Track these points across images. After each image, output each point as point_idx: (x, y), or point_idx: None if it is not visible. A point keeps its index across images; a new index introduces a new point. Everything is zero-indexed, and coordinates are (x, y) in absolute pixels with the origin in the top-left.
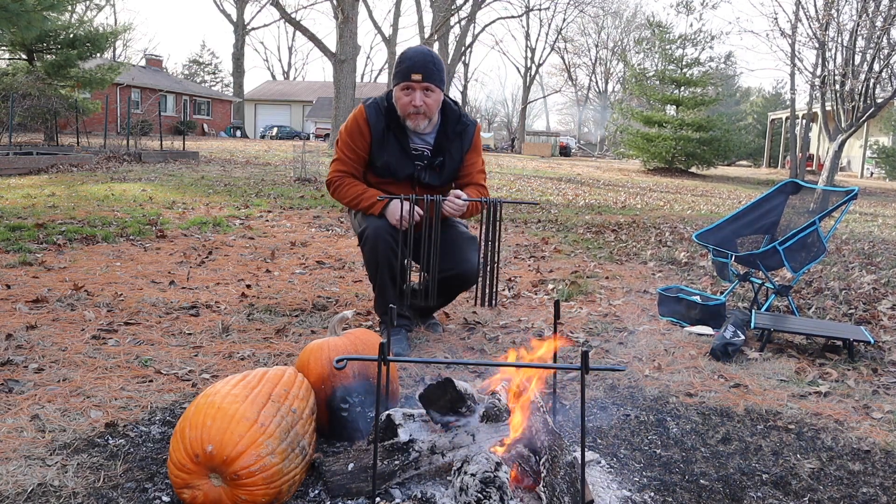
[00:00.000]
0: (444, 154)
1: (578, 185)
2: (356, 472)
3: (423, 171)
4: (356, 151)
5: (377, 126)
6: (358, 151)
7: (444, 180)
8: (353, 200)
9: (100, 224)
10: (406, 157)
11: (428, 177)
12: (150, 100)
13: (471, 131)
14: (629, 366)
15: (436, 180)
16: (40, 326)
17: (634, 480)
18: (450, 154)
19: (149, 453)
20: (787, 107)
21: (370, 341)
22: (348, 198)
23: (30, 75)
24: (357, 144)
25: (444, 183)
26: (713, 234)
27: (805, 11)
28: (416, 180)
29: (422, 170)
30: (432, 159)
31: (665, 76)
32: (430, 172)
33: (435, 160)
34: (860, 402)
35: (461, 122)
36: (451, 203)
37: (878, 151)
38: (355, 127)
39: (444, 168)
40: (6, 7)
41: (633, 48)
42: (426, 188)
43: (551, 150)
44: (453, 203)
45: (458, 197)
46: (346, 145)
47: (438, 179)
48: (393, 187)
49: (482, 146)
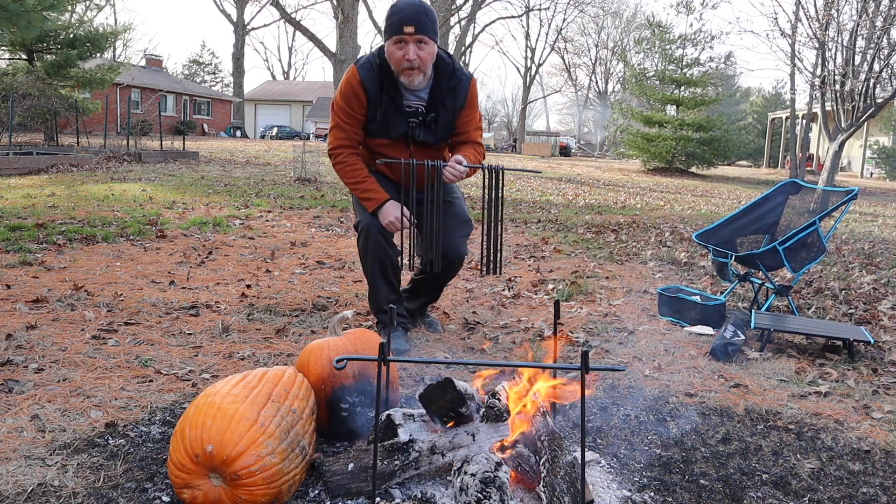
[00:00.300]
0: (437, 110)
1: (578, 185)
2: (356, 472)
3: (418, 128)
4: (353, 116)
5: (372, 86)
6: (355, 115)
7: (438, 138)
8: (351, 184)
9: (100, 224)
10: (400, 115)
11: (422, 134)
12: (150, 100)
13: (465, 86)
14: (629, 366)
15: (430, 137)
16: (40, 326)
17: (634, 480)
18: (444, 109)
19: (149, 453)
20: (787, 107)
21: (370, 341)
22: (347, 180)
23: (30, 75)
24: (354, 108)
25: (439, 140)
26: (713, 234)
27: (805, 11)
28: (411, 138)
29: (416, 127)
30: (426, 116)
31: (665, 76)
32: (425, 130)
33: (428, 116)
34: (860, 402)
35: (455, 77)
36: (452, 169)
37: (878, 151)
38: (350, 91)
39: (437, 124)
40: (6, 7)
41: (633, 48)
42: (421, 147)
43: (551, 150)
44: (454, 169)
45: (459, 163)
46: (342, 111)
47: (433, 137)
48: (387, 148)
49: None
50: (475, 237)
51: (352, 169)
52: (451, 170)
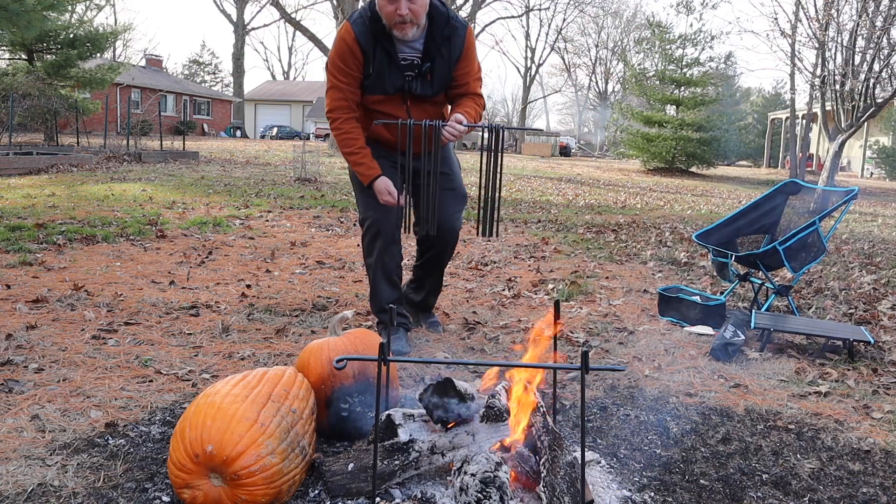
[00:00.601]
0: (433, 60)
1: (578, 185)
2: (356, 472)
3: (414, 81)
4: (350, 74)
5: (366, 42)
6: (352, 73)
7: (436, 89)
8: (347, 155)
9: (100, 224)
10: (395, 69)
11: (419, 87)
12: (150, 100)
13: (461, 34)
14: (629, 366)
15: (428, 90)
16: (40, 326)
17: (634, 480)
18: (440, 58)
19: (149, 453)
20: (787, 107)
21: (370, 341)
22: (343, 148)
23: (30, 75)
24: (350, 66)
25: (437, 92)
26: (713, 234)
27: (805, 11)
28: (408, 92)
29: (412, 80)
30: (422, 66)
31: (665, 76)
32: (422, 82)
33: (424, 66)
34: (860, 402)
35: (449, 25)
36: (452, 128)
37: (878, 151)
38: (345, 49)
39: (434, 75)
40: (6, 7)
41: (633, 48)
42: (419, 102)
43: (551, 150)
44: (454, 128)
45: (458, 122)
46: (338, 70)
47: (431, 89)
48: (383, 105)
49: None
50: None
51: (348, 137)
52: (450, 129)
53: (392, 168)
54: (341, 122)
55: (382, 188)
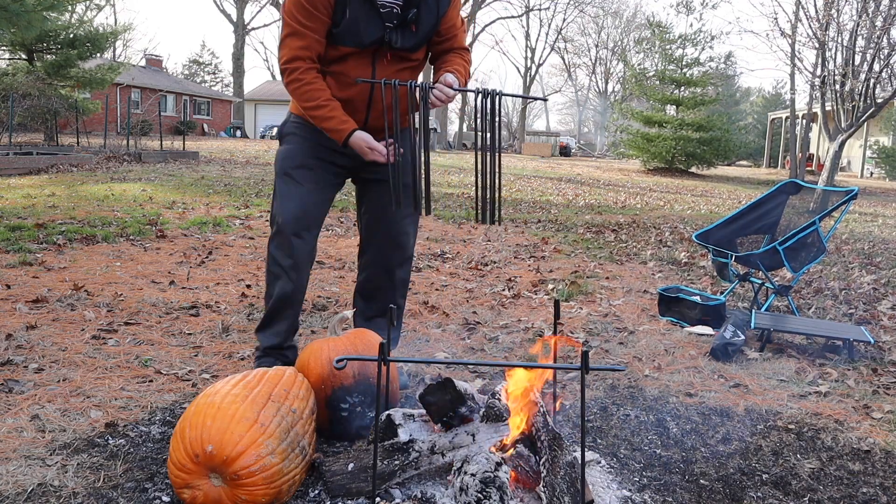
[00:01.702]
0: (418, 5)
1: (578, 185)
2: (356, 472)
3: (394, 31)
4: (318, 18)
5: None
6: (320, 17)
7: (419, 40)
8: (313, 109)
9: (100, 224)
10: (375, 15)
11: (400, 39)
12: (150, 100)
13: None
14: (629, 366)
15: (410, 41)
16: (40, 326)
17: (634, 480)
18: (426, 6)
19: (149, 453)
20: (787, 107)
21: (370, 341)
22: (305, 102)
23: (30, 75)
24: (319, 8)
25: (419, 46)
26: (713, 235)
27: (805, 11)
28: (387, 44)
29: (392, 30)
30: (404, 14)
31: (665, 76)
32: (403, 32)
33: (408, 14)
34: (860, 402)
35: None
36: (441, 91)
37: (878, 151)
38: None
39: (419, 24)
40: (6, 7)
41: (633, 48)
42: (397, 55)
43: (551, 151)
44: (443, 91)
45: (448, 84)
46: (302, 12)
47: (413, 40)
48: (344, 64)
49: None
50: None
51: (311, 88)
52: (438, 94)
53: (333, 168)
54: (302, 73)
55: (362, 144)
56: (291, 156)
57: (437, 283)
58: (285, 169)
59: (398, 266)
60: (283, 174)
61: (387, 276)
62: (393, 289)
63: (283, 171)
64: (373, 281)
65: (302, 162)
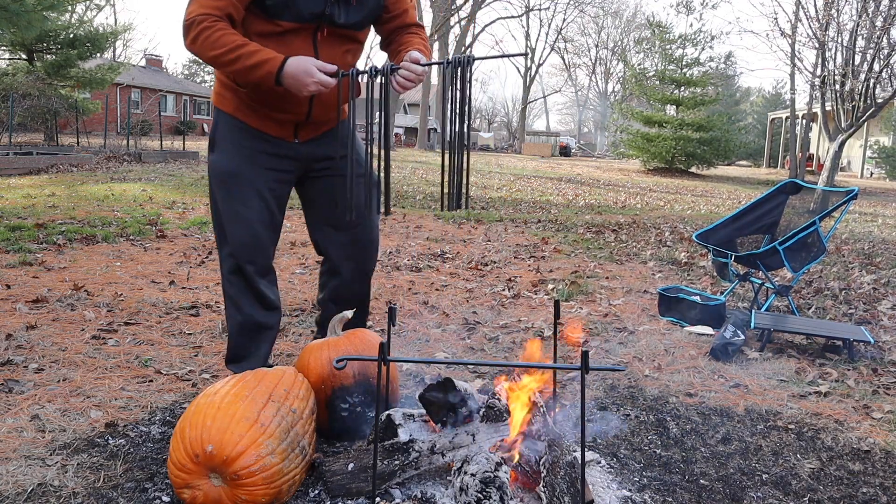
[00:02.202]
0: None
1: (578, 185)
2: (356, 472)
3: (336, 5)
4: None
5: None
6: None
7: (365, 15)
8: (226, 54)
9: (100, 224)
10: None
11: (343, 14)
12: (150, 100)
13: None
14: (629, 366)
15: (355, 16)
16: (40, 326)
17: (634, 480)
18: None
19: (149, 453)
20: (787, 107)
21: (370, 341)
22: (217, 50)
23: (30, 75)
24: None
25: (365, 23)
26: (713, 234)
27: (805, 11)
28: (328, 19)
29: (334, 4)
30: None
31: (665, 76)
32: (346, 7)
33: None
34: (860, 402)
35: None
36: (409, 70)
37: (878, 151)
38: None
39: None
40: (6, 7)
41: (633, 48)
42: (340, 34)
43: (551, 151)
44: (411, 70)
45: (415, 61)
46: None
47: (358, 15)
48: (292, 38)
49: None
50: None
51: (223, 34)
52: (407, 72)
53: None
54: (208, 24)
55: (300, 70)
56: (229, 168)
57: (437, 283)
58: (226, 184)
59: (373, 264)
60: (223, 189)
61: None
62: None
63: (224, 187)
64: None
65: (242, 175)
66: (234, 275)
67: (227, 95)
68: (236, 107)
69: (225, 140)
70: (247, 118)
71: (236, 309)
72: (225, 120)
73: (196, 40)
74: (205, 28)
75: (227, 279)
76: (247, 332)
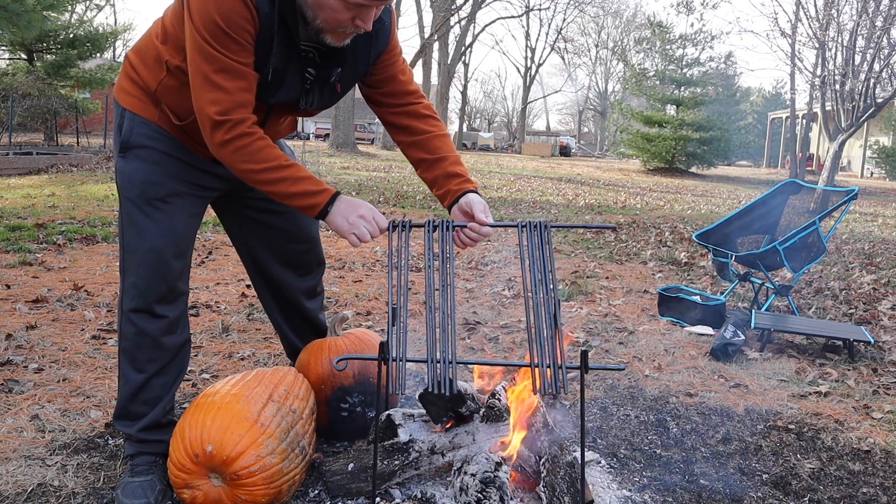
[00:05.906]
0: (343, 63)
1: (578, 185)
2: (356, 472)
3: (311, 90)
4: (243, 47)
5: (266, 15)
6: (244, 45)
7: (333, 102)
8: (264, 172)
9: (100, 224)
10: (296, 69)
11: (316, 99)
12: None
13: (388, 25)
14: (629, 366)
15: (326, 102)
16: (40, 326)
17: (634, 480)
18: (352, 64)
19: None
20: (787, 107)
21: (370, 341)
22: (257, 164)
23: (30, 75)
24: (241, 33)
25: (333, 104)
26: (713, 234)
27: (805, 11)
28: (296, 107)
29: (310, 88)
30: (325, 69)
31: (665, 76)
32: (321, 92)
33: (331, 71)
34: (860, 402)
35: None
36: (474, 232)
37: (879, 151)
38: (233, 12)
39: (343, 84)
40: (6, 7)
41: (633, 48)
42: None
43: (551, 150)
44: (479, 232)
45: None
46: (221, 38)
47: (330, 101)
48: None
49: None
50: None
51: (264, 145)
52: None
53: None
54: (248, 131)
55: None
56: (154, 181)
57: (438, 283)
58: (148, 199)
59: (319, 280)
60: (144, 205)
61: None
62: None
63: (145, 202)
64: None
65: (171, 188)
66: (135, 313)
67: (145, 102)
68: (159, 118)
69: (145, 147)
70: (170, 128)
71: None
72: (142, 123)
73: (228, 145)
74: (244, 135)
75: (125, 320)
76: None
